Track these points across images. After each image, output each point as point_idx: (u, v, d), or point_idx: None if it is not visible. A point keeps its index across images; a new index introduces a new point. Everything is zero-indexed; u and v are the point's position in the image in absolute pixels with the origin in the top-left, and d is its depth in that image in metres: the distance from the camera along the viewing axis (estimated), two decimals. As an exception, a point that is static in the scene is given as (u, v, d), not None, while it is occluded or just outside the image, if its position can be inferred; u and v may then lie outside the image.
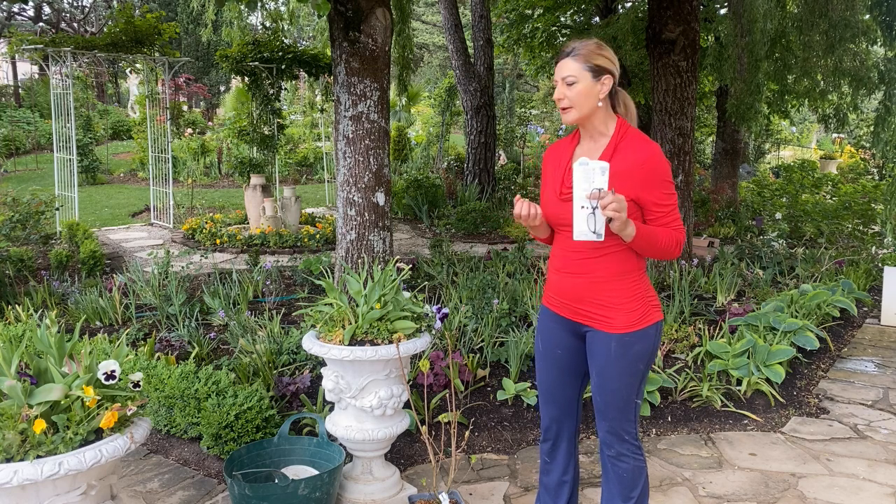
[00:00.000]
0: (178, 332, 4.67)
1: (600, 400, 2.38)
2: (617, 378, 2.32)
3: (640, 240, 2.18)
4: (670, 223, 2.24)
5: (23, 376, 2.00)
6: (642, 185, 2.20)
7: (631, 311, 2.28)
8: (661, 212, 2.23)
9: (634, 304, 2.29)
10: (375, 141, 5.27)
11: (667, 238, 2.23)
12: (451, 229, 9.84)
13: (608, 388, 2.35)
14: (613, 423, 2.37)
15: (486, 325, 4.66)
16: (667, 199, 2.23)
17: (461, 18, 12.67)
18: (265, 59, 9.63)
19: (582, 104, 2.25)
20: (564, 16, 12.70)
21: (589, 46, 2.25)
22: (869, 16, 7.85)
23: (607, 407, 2.37)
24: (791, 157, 19.13)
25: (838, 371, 4.77)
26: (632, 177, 2.20)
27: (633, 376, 2.33)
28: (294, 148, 17.18)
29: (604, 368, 2.34)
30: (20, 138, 17.07)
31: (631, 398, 2.35)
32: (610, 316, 2.29)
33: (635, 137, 2.26)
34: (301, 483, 2.69)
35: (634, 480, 2.40)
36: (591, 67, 2.23)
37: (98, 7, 26.65)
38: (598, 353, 2.35)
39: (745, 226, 9.67)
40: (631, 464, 2.39)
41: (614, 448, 2.39)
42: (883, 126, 6.71)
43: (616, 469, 2.41)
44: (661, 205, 2.23)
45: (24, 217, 7.09)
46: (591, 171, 2.09)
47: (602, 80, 2.24)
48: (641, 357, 2.32)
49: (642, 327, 2.29)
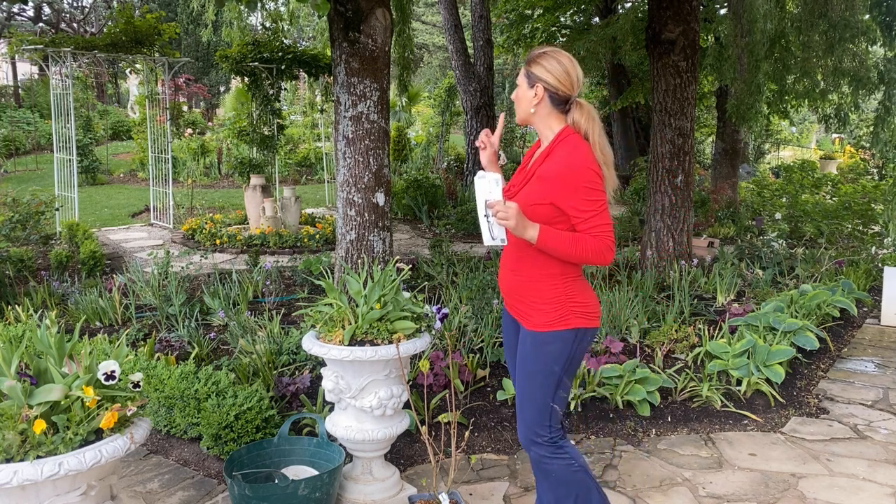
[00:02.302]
0: (178, 333, 4.67)
1: (517, 398, 2.43)
2: (531, 375, 2.36)
3: (545, 244, 2.24)
4: (590, 229, 2.27)
5: (23, 376, 2.00)
6: (560, 191, 2.27)
7: (548, 311, 2.33)
8: (580, 217, 2.27)
9: (553, 305, 2.33)
10: (375, 141, 5.27)
11: (582, 244, 2.25)
12: (451, 229, 9.84)
13: (523, 384, 2.39)
14: (526, 424, 2.39)
15: (486, 325, 4.66)
16: (587, 204, 2.26)
17: (461, 19, 12.67)
18: (265, 60, 9.64)
19: (519, 107, 2.39)
20: (564, 16, 12.72)
21: (536, 54, 2.34)
22: (869, 16, 7.86)
23: (521, 405, 2.40)
24: (791, 158, 19.14)
25: (838, 371, 4.77)
26: (552, 182, 2.28)
27: (548, 377, 2.34)
28: (294, 148, 17.18)
29: (521, 365, 2.40)
30: (20, 138, 17.07)
31: (546, 401, 2.36)
32: (530, 313, 2.37)
33: (565, 145, 2.30)
34: (301, 483, 2.69)
35: (564, 477, 2.38)
36: (527, 74, 2.34)
37: (98, 7, 26.65)
38: (519, 349, 2.43)
39: (745, 226, 9.67)
40: (556, 463, 2.37)
41: (532, 450, 2.41)
42: (883, 126, 6.72)
43: (542, 468, 2.41)
44: (579, 210, 2.27)
45: (24, 217, 7.09)
46: (488, 183, 2.22)
47: (535, 88, 2.32)
48: (557, 359, 2.33)
49: (559, 329, 2.32)
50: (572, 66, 2.32)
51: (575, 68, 2.32)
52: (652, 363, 4.49)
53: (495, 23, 13.33)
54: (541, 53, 2.33)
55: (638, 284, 6.00)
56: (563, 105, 2.35)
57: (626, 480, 3.30)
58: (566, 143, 2.30)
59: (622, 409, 3.97)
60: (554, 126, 2.36)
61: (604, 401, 4.02)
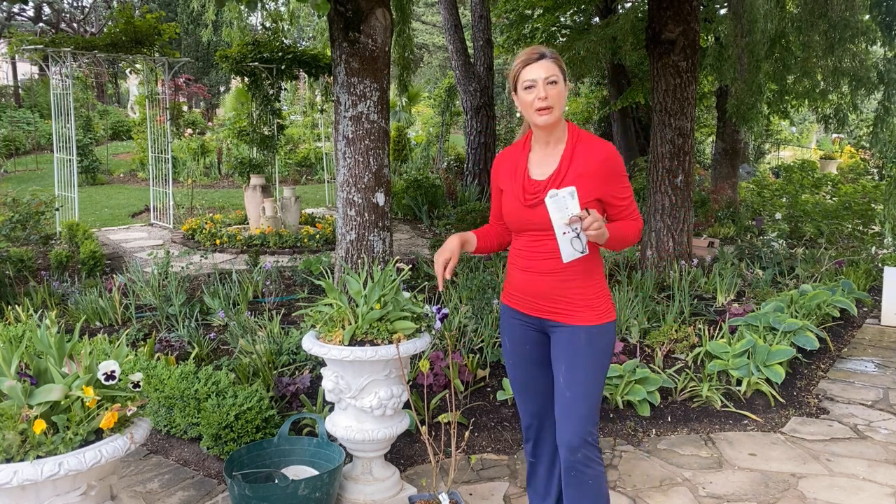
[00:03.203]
0: (178, 333, 4.67)
1: (570, 395, 2.35)
2: (588, 370, 2.34)
3: (613, 239, 2.28)
4: (631, 214, 2.37)
5: (23, 376, 2.00)
6: (606, 183, 2.31)
7: (596, 305, 2.37)
8: (622, 204, 2.35)
9: (599, 300, 2.38)
10: (375, 141, 5.27)
11: (632, 230, 2.36)
12: (451, 229, 9.83)
13: (579, 380, 2.34)
14: (582, 422, 2.32)
15: (486, 326, 4.66)
16: (626, 191, 2.35)
17: (461, 19, 12.67)
18: (265, 60, 9.64)
19: (560, 105, 2.36)
20: (564, 16, 12.72)
21: (556, 54, 2.36)
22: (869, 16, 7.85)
23: (576, 402, 2.33)
24: (791, 158, 19.13)
25: (838, 371, 4.77)
26: (595, 176, 2.29)
27: (600, 370, 2.37)
28: (294, 148, 17.18)
29: (574, 360, 2.35)
30: (20, 138, 17.07)
31: (599, 394, 2.37)
32: (578, 310, 2.36)
33: (590, 139, 2.35)
34: (301, 483, 2.69)
35: (599, 489, 2.36)
36: (563, 71, 2.35)
37: (98, 7, 26.65)
38: (568, 346, 2.37)
39: (745, 226, 9.67)
40: (596, 469, 2.34)
41: (581, 451, 2.32)
42: (882, 126, 6.71)
43: (581, 477, 2.33)
44: (622, 198, 2.34)
45: (24, 217, 7.09)
46: (562, 200, 2.23)
47: (567, 85, 2.36)
48: (606, 350, 2.38)
49: (606, 322, 2.38)
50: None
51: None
52: (652, 363, 4.49)
53: (495, 23, 13.32)
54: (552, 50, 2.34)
55: (638, 284, 6.00)
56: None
57: (626, 480, 3.30)
58: (587, 139, 2.34)
59: (622, 409, 3.98)
60: (562, 123, 2.37)
61: (604, 401, 4.02)
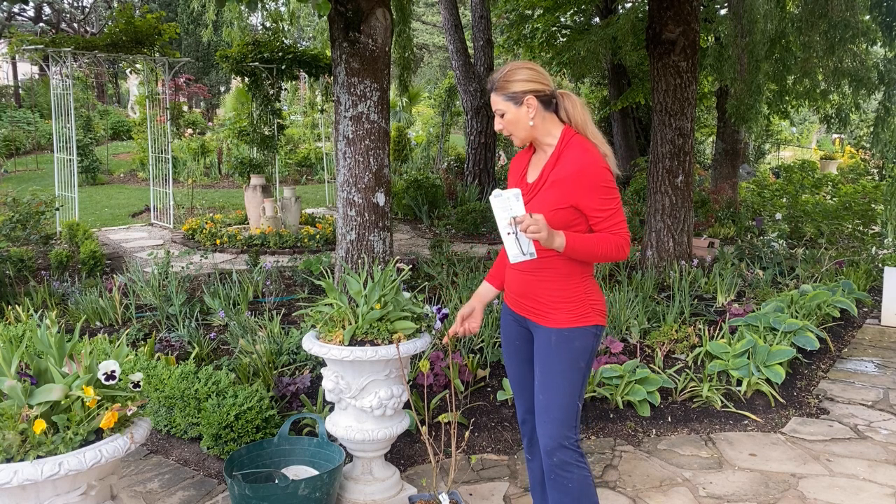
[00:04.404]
0: (178, 333, 4.67)
1: (543, 398, 2.36)
2: (559, 373, 2.33)
3: (573, 250, 2.24)
4: (611, 227, 2.30)
5: (23, 376, 2.00)
6: (580, 193, 2.27)
7: (570, 309, 2.34)
8: (600, 216, 2.29)
9: (574, 303, 2.34)
10: (375, 141, 5.27)
11: (604, 243, 2.28)
12: (451, 229, 9.84)
13: (549, 384, 2.34)
14: (555, 426, 2.32)
15: (486, 325, 4.66)
16: (605, 203, 2.28)
17: (461, 19, 12.67)
18: (265, 60, 9.64)
19: (517, 130, 2.36)
20: (564, 16, 12.72)
21: (503, 76, 2.34)
22: (869, 16, 7.86)
23: (549, 406, 2.34)
24: (791, 158, 19.13)
25: (838, 371, 4.77)
26: (569, 185, 2.27)
27: (575, 373, 2.34)
28: (294, 148, 17.18)
29: (545, 362, 2.36)
30: (20, 138, 17.07)
31: (574, 397, 2.34)
32: (550, 312, 2.35)
33: (575, 146, 2.31)
34: (301, 483, 2.69)
35: (582, 492, 2.34)
36: (509, 97, 2.33)
37: (98, 7, 26.65)
38: (540, 347, 2.38)
39: (745, 226, 9.66)
40: (577, 473, 2.33)
41: (557, 455, 2.32)
42: (883, 126, 6.72)
43: (561, 479, 2.33)
44: (599, 209, 2.28)
45: (24, 217, 7.09)
46: (507, 200, 2.22)
47: (525, 103, 2.32)
48: (582, 355, 2.34)
49: (582, 325, 2.34)
50: (532, 63, 2.38)
51: (534, 64, 2.39)
52: (652, 363, 4.48)
53: (495, 23, 13.33)
54: (506, 73, 2.33)
55: (638, 285, 5.99)
56: (551, 103, 2.36)
57: (627, 481, 3.30)
58: (573, 145, 2.31)
59: (622, 410, 3.97)
60: (553, 130, 2.36)
61: (604, 401, 4.02)
